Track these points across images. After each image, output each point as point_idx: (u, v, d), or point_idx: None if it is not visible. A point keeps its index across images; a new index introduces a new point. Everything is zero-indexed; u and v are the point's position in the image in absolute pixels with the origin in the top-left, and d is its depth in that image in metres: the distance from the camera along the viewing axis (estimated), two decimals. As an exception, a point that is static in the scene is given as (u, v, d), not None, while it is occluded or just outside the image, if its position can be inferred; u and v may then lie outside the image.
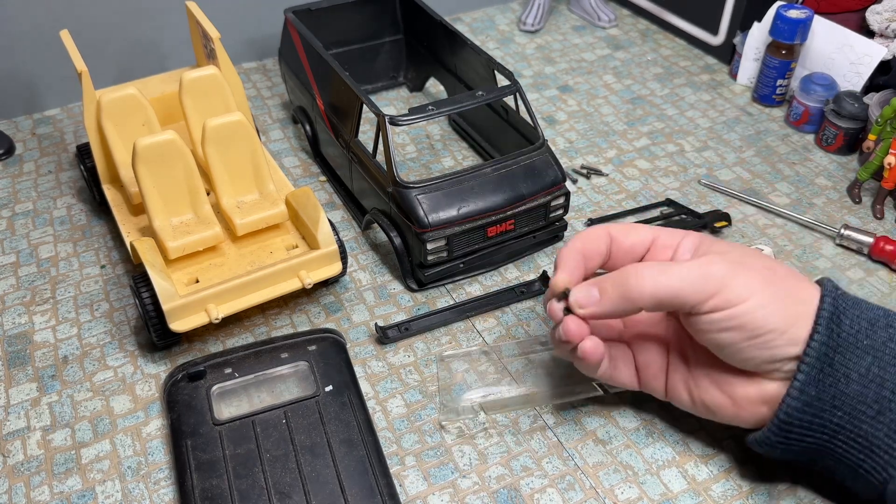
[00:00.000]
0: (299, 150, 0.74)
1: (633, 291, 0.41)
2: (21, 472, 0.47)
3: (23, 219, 0.66)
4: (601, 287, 0.43)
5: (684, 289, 0.40)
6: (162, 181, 0.54)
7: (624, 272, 0.42)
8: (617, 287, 0.42)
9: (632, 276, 0.41)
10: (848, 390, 0.40)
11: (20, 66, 0.76)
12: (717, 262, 0.41)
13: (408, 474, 0.47)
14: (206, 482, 0.45)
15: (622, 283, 0.42)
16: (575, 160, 0.73)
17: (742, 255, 0.42)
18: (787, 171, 0.71)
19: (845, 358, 0.40)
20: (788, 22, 0.73)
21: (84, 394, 0.52)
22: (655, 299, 0.41)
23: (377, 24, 0.79)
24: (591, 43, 0.90)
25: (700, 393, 0.45)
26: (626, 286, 0.41)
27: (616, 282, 0.42)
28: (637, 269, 0.41)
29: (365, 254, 0.63)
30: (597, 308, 0.43)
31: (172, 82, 0.69)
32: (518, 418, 0.50)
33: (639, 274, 0.41)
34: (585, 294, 0.43)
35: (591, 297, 0.43)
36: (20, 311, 0.58)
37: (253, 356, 0.52)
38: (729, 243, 0.44)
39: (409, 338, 0.56)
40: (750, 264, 0.41)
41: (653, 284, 0.41)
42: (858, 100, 0.70)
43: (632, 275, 0.41)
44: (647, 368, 0.47)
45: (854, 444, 0.40)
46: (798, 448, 0.42)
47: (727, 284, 0.40)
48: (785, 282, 0.41)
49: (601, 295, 0.42)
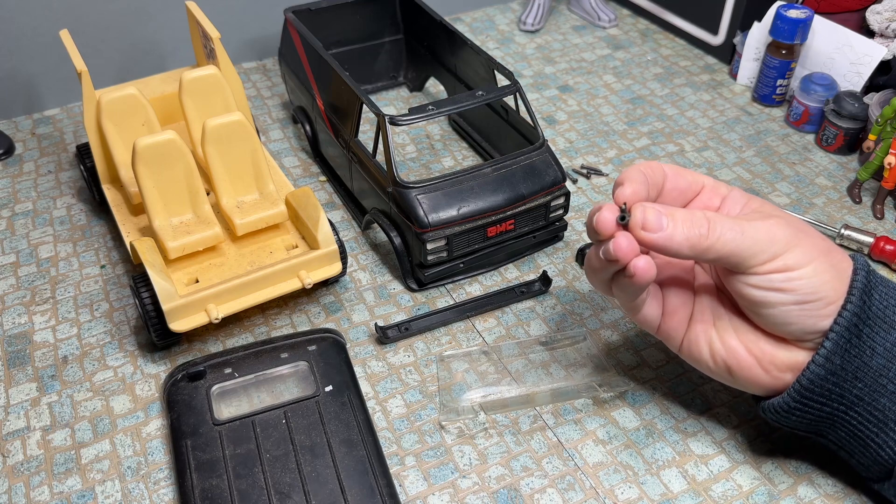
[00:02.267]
0: (299, 150, 0.74)
1: (707, 240, 0.40)
2: (21, 472, 0.47)
3: (23, 219, 0.66)
4: (673, 218, 0.41)
5: (752, 248, 0.40)
6: (162, 181, 0.54)
7: (697, 216, 0.40)
8: (691, 227, 0.40)
9: (708, 223, 0.40)
10: (872, 363, 0.40)
11: (20, 66, 0.75)
12: (782, 227, 0.41)
13: (408, 474, 0.47)
14: (205, 482, 0.45)
15: (697, 226, 0.40)
16: (575, 160, 0.73)
17: (797, 221, 0.42)
18: (788, 171, 0.71)
19: (872, 331, 0.40)
20: (788, 22, 0.73)
21: (84, 394, 0.52)
22: (723, 253, 0.40)
23: (377, 23, 0.79)
24: (591, 43, 0.90)
25: (723, 351, 0.44)
26: (699, 231, 0.40)
27: (690, 222, 0.40)
28: (714, 220, 0.40)
29: (365, 254, 0.63)
30: (660, 237, 0.40)
31: (172, 82, 0.69)
32: (518, 418, 0.50)
33: (715, 224, 0.40)
34: (655, 218, 0.40)
35: (660, 224, 0.40)
36: (20, 311, 0.58)
37: (253, 356, 0.52)
38: (774, 206, 0.44)
39: (409, 338, 0.56)
40: (807, 232, 0.41)
41: (729, 239, 0.40)
42: (858, 100, 0.70)
43: (709, 222, 0.40)
44: (672, 314, 0.46)
45: (870, 417, 0.41)
46: (812, 416, 0.42)
47: (790, 249, 0.40)
48: (834, 255, 0.41)
49: (671, 227, 0.40)
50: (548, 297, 0.59)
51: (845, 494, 0.46)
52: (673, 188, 0.44)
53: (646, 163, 0.44)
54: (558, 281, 0.60)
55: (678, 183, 0.45)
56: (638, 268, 0.41)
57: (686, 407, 0.51)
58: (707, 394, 0.52)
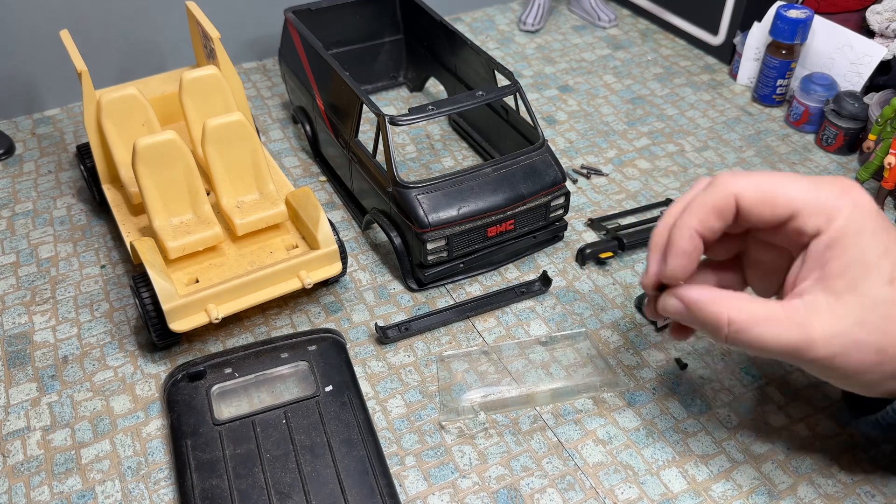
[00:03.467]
0: (299, 150, 0.74)
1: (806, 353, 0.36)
2: (21, 472, 0.47)
3: (23, 219, 0.66)
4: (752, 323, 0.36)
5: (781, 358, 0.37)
6: (162, 181, 0.54)
7: (791, 319, 0.35)
8: (780, 334, 0.35)
9: (801, 326, 0.35)
10: None
11: (20, 66, 0.75)
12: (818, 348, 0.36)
13: (408, 474, 0.47)
14: (206, 482, 0.45)
15: (788, 332, 0.35)
16: (575, 160, 0.73)
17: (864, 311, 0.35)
18: (788, 171, 0.71)
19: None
20: (788, 22, 0.73)
21: (84, 394, 0.52)
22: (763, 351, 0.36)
23: (377, 23, 0.79)
24: (591, 43, 0.90)
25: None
26: (794, 338, 0.36)
27: (778, 328, 0.36)
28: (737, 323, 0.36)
29: (365, 254, 0.63)
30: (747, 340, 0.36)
31: (172, 82, 0.69)
32: (518, 418, 0.50)
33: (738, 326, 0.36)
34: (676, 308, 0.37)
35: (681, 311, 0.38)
36: (20, 310, 0.58)
37: (253, 356, 0.52)
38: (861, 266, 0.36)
39: (409, 338, 0.56)
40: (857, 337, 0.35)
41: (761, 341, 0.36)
42: (858, 100, 0.70)
43: (801, 326, 0.35)
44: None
45: None
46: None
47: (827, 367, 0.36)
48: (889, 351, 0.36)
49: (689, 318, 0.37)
50: (548, 297, 0.59)
51: (845, 494, 0.46)
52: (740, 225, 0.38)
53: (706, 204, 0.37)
54: (558, 281, 0.60)
55: (750, 222, 0.37)
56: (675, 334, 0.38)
57: (686, 407, 0.51)
58: (707, 394, 0.52)
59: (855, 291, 0.35)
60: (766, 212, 0.36)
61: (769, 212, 0.36)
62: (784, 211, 0.36)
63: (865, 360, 0.36)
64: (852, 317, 0.35)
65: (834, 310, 0.35)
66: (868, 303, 0.35)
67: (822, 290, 0.36)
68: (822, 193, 0.36)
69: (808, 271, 0.36)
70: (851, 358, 0.36)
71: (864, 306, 0.35)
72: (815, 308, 0.36)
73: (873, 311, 0.35)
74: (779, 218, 0.36)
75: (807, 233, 0.36)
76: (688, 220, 0.37)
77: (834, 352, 0.35)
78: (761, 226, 0.37)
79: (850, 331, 0.35)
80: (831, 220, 0.35)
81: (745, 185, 0.36)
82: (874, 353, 0.35)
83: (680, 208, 0.39)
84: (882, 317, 0.35)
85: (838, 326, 0.35)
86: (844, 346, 0.35)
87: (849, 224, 0.35)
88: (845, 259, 0.35)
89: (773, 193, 0.36)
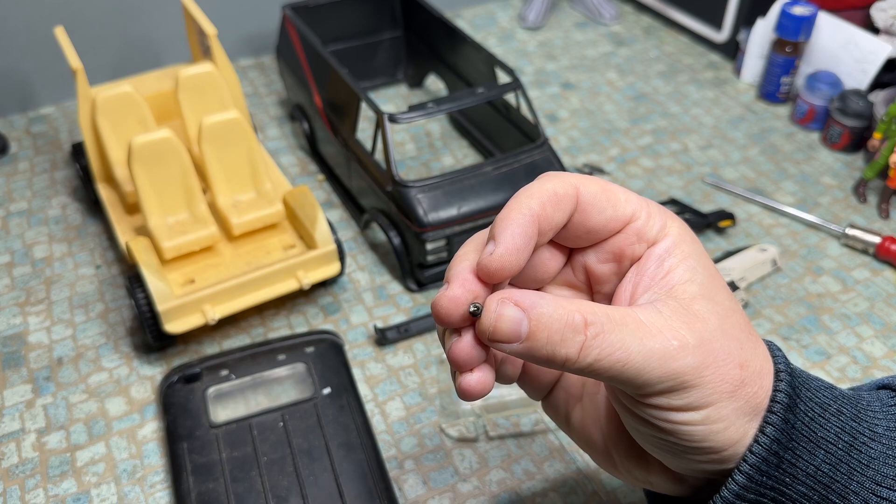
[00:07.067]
0: (297, 149, 0.73)
1: (582, 359, 0.30)
2: (15, 475, 0.47)
3: (17, 218, 0.65)
4: (538, 322, 0.30)
5: (641, 374, 0.31)
6: (157, 180, 0.54)
7: (573, 321, 0.30)
8: (560, 341, 0.30)
9: (587, 333, 0.30)
10: (791, 491, 0.32)
11: (14, 64, 0.75)
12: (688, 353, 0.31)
13: (407, 478, 0.47)
14: (202, 486, 0.44)
15: (567, 340, 0.30)
16: (577, 158, 0.72)
17: (717, 327, 0.32)
18: (792, 169, 0.70)
19: (795, 455, 0.32)
20: (793, 19, 0.73)
21: (79, 396, 0.51)
22: (603, 374, 0.31)
23: (376, 20, 0.78)
24: (593, 39, 0.89)
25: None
26: (569, 350, 0.30)
27: (560, 331, 0.30)
28: (598, 329, 0.30)
29: (364, 254, 0.62)
30: (517, 349, 0.30)
31: (168, 79, 0.68)
32: (519, 421, 0.50)
33: (598, 338, 0.30)
34: (512, 325, 0.30)
35: (518, 334, 0.30)
36: (14, 311, 0.57)
37: (249, 358, 0.51)
38: (704, 271, 0.33)
39: (408, 339, 0.55)
40: (722, 356, 0.32)
41: (614, 361, 0.30)
42: (864, 98, 0.69)
43: (587, 331, 0.30)
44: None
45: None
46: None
47: (688, 386, 0.31)
48: (747, 388, 0.32)
49: (532, 337, 0.30)
50: (549, 298, 0.58)
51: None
52: (580, 225, 0.33)
53: (547, 188, 0.32)
54: (560, 281, 0.59)
55: (591, 220, 0.33)
56: (466, 385, 0.31)
57: (690, 409, 0.50)
58: (711, 396, 0.51)
59: (708, 298, 0.32)
60: (608, 207, 0.33)
61: (611, 208, 0.33)
62: (625, 208, 0.33)
63: (730, 374, 0.31)
64: (712, 322, 0.32)
65: (694, 315, 0.32)
66: (721, 310, 0.32)
67: (672, 296, 0.32)
68: (651, 205, 0.34)
69: (651, 279, 0.33)
70: (719, 371, 0.31)
71: (719, 314, 0.32)
72: (672, 313, 0.32)
73: (728, 318, 0.32)
74: (620, 216, 0.33)
75: (647, 237, 0.34)
76: (526, 201, 0.32)
77: (703, 359, 0.31)
78: (599, 227, 0.34)
79: (713, 336, 0.31)
80: (667, 228, 0.34)
81: (585, 179, 0.33)
82: (737, 367, 0.32)
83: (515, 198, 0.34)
84: (735, 326, 0.32)
85: (704, 331, 0.31)
86: (712, 353, 0.31)
87: (682, 234, 0.34)
88: (690, 264, 0.33)
89: (613, 190, 0.33)
